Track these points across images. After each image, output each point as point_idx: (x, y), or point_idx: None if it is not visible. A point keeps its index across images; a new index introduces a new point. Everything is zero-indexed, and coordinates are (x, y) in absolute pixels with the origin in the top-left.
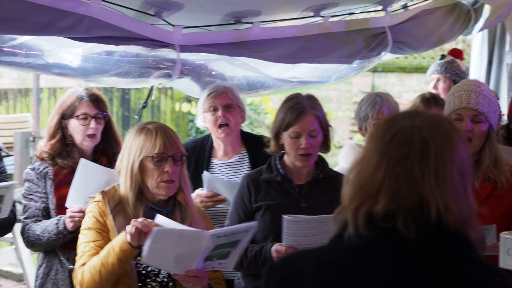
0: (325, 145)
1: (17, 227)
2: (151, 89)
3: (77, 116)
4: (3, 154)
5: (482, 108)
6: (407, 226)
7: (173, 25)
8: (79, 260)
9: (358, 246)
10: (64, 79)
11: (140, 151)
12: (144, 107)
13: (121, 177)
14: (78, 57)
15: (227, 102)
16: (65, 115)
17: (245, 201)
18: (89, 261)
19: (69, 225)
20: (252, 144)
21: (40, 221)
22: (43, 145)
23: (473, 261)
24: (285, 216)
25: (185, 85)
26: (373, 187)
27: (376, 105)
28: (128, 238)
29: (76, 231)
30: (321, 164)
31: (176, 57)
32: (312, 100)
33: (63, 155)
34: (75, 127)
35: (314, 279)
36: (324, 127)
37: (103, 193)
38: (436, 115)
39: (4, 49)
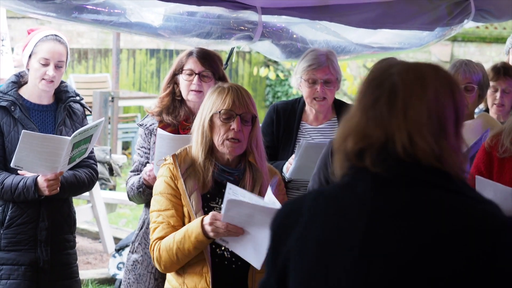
0: None
1: (96, 185)
2: (231, 50)
3: (183, 72)
4: (87, 112)
5: None
6: (374, 162)
7: None
8: (153, 232)
9: (347, 182)
10: (143, 40)
11: (211, 108)
12: (224, 69)
13: (193, 134)
14: (160, 16)
15: (327, 77)
16: (176, 70)
17: (328, 167)
18: (164, 237)
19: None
20: (344, 112)
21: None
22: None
23: (453, 191)
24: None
25: (265, 47)
26: (349, 131)
27: (453, 69)
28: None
29: None
30: None
31: (257, 19)
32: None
33: (170, 111)
34: (182, 81)
35: (310, 209)
36: None
37: (174, 156)
38: (420, 63)
39: (87, 6)
